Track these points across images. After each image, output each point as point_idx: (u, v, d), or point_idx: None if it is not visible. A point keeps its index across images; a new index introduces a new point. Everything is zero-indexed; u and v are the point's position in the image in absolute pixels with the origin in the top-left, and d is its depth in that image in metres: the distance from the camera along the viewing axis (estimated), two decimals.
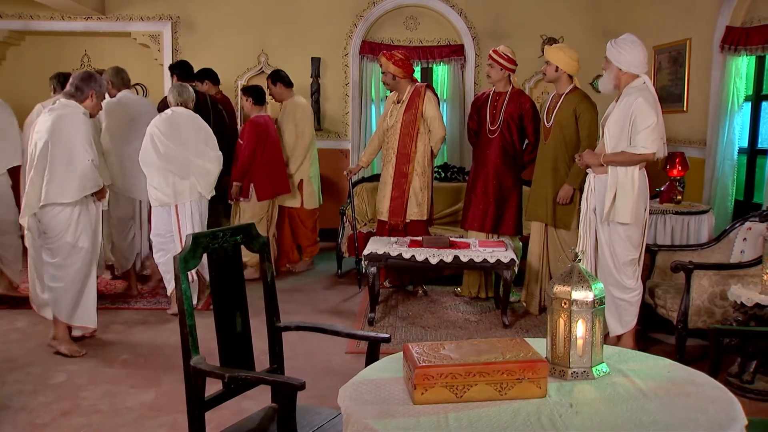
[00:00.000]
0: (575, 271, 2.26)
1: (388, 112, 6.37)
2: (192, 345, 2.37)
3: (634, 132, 4.41)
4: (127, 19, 8.57)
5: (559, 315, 2.25)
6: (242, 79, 8.70)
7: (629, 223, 4.49)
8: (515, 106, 5.93)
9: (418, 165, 6.19)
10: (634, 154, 4.43)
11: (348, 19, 8.64)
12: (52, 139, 4.52)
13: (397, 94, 6.32)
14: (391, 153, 6.26)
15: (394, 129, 6.24)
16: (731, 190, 6.62)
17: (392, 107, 6.33)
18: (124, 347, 5.02)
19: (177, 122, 5.50)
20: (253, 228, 2.70)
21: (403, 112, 6.20)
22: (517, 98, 5.96)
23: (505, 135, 5.95)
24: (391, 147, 6.27)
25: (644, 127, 4.37)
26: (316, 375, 4.52)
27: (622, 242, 4.55)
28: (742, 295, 4.18)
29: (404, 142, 6.19)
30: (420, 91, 6.22)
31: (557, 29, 8.62)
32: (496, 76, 5.96)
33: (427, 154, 6.26)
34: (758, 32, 6.25)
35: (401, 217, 6.21)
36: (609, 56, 4.57)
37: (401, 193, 6.19)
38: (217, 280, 2.54)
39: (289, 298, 6.37)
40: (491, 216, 6.03)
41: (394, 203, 6.21)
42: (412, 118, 6.17)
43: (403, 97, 6.26)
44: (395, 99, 6.35)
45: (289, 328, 2.79)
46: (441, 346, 2.20)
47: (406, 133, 6.18)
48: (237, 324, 2.61)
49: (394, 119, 6.26)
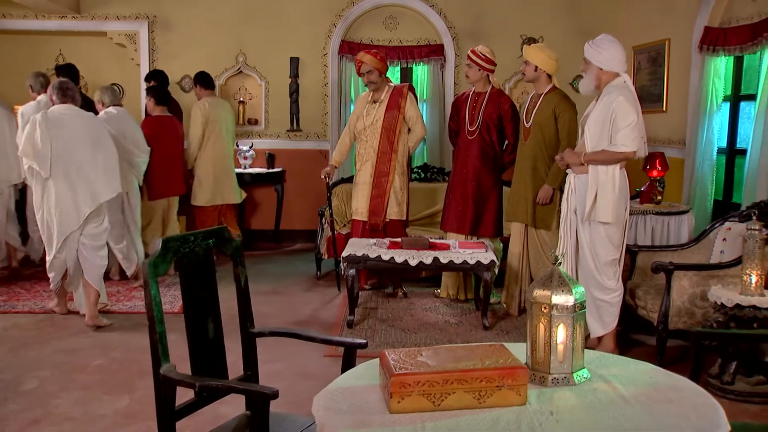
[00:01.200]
0: (555, 274, 2.21)
1: (362, 111, 6.30)
2: (162, 353, 2.29)
3: (614, 130, 4.40)
4: (103, 18, 8.44)
5: (539, 320, 2.21)
6: (220, 79, 8.60)
7: (610, 223, 4.47)
8: (494, 107, 5.88)
9: (399, 165, 6.19)
10: (615, 153, 4.41)
11: (327, 18, 8.57)
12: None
13: (373, 93, 6.26)
14: (370, 152, 6.21)
15: (373, 128, 6.19)
16: (710, 190, 6.63)
17: (368, 106, 6.27)
18: (98, 352, 4.92)
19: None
20: (225, 231, 2.63)
21: (384, 111, 6.16)
22: (497, 99, 5.91)
23: (484, 136, 5.90)
24: (370, 146, 6.22)
25: (624, 126, 4.36)
26: (294, 379, 4.45)
27: (603, 242, 4.53)
28: (722, 296, 4.17)
29: (385, 141, 6.15)
30: (402, 90, 6.21)
31: (537, 29, 8.60)
32: (474, 77, 5.91)
33: (406, 154, 6.28)
34: (736, 33, 6.26)
35: (381, 216, 6.17)
36: (588, 57, 4.55)
37: (381, 193, 6.16)
38: (188, 286, 2.47)
39: (267, 300, 6.29)
40: (470, 218, 5.97)
41: (374, 203, 6.18)
42: (394, 118, 6.15)
43: (382, 96, 6.22)
44: (370, 98, 6.29)
45: (263, 333, 2.72)
46: (418, 353, 2.15)
47: (387, 133, 6.14)
48: (209, 330, 2.53)
49: (372, 118, 6.21)
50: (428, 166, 7.96)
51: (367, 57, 6.12)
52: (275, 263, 7.80)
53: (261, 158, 8.60)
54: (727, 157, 6.68)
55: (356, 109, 6.42)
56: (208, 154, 7.47)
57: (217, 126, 7.47)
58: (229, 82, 8.71)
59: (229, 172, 7.66)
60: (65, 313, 5.71)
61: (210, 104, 7.48)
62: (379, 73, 6.17)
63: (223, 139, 7.54)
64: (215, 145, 7.48)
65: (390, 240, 5.80)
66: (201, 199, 7.52)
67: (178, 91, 8.58)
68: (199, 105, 7.50)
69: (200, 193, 7.51)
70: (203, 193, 7.50)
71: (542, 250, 5.51)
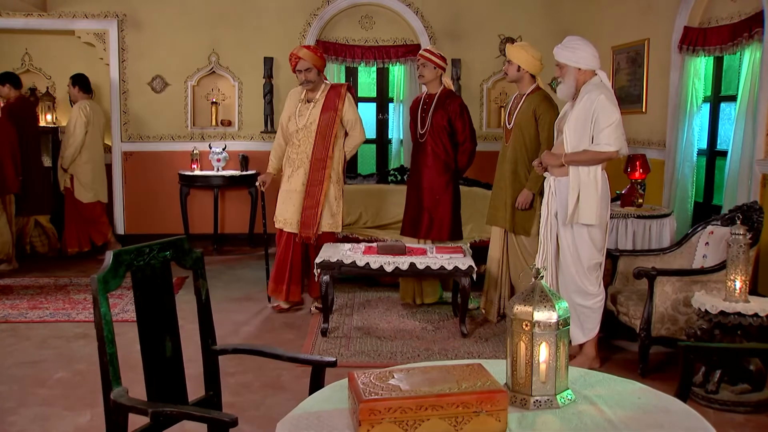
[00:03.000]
0: (537, 289, 2.06)
1: (295, 112, 5.78)
2: (113, 376, 2.12)
3: (596, 130, 4.28)
4: (71, 16, 8.18)
5: (520, 338, 2.05)
6: (192, 79, 8.39)
7: (594, 225, 4.35)
8: (443, 108, 5.72)
9: (334, 172, 5.73)
10: (598, 152, 4.29)
11: (301, 17, 8.39)
12: None
13: (306, 91, 5.76)
14: (303, 158, 5.71)
15: (307, 131, 5.70)
16: (691, 192, 6.55)
17: (300, 106, 5.77)
18: (61, 364, 4.70)
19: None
20: (185, 242, 2.46)
21: (320, 113, 5.69)
22: (445, 99, 5.75)
23: (434, 139, 5.74)
24: (303, 151, 5.72)
25: (607, 125, 4.24)
26: (264, 392, 4.28)
27: (586, 245, 4.40)
28: (706, 303, 4.05)
29: (320, 146, 5.66)
30: (339, 90, 5.74)
31: (515, 29, 8.48)
32: (429, 76, 5.73)
33: (342, 161, 5.84)
34: (716, 33, 6.18)
35: (314, 229, 5.68)
36: (563, 60, 4.42)
37: (314, 203, 5.66)
38: (142, 302, 2.29)
39: (239, 307, 6.10)
40: (423, 222, 5.82)
41: (306, 214, 5.68)
42: (330, 121, 5.66)
43: (317, 96, 5.74)
44: (303, 97, 5.78)
45: (226, 351, 2.55)
46: (390, 375, 1.99)
47: (323, 137, 5.67)
48: (166, 349, 2.36)
49: (306, 120, 5.70)
50: (405, 169, 7.81)
51: (304, 52, 5.62)
52: (249, 268, 7.61)
53: (234, 160, 8.40)
54: (708, 158, 6.60)
55: (287, 108, 5.87)
56: (89, 155, 7.74)
57: (96, 129, 7.79)
58: (201, 83, 8.50)
59: (104, 172, 8.05)
60: None
61: (90, 107, 7.72)
62: (318, 71, 5.68)
63: (101, 141, 7.94)
64: (96, 147, 7.83)
65: (365, 245, 5.64)
66: (85, 196, 7.82)
67: (148, 92, 8.36)
68: (81, 107, 7.66)
69: (84, 192, 7.79)
70: (86, 191, 7.80)
71: (522, 256, 5.37)
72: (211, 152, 8.24)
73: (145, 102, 8.39)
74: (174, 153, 8.47)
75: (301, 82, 5.72)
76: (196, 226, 8.52)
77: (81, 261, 7.75)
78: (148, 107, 8.39)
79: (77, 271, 7.33)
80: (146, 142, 8.45)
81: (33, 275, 7.12)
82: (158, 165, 8.45)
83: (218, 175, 8.19)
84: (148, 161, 8.46)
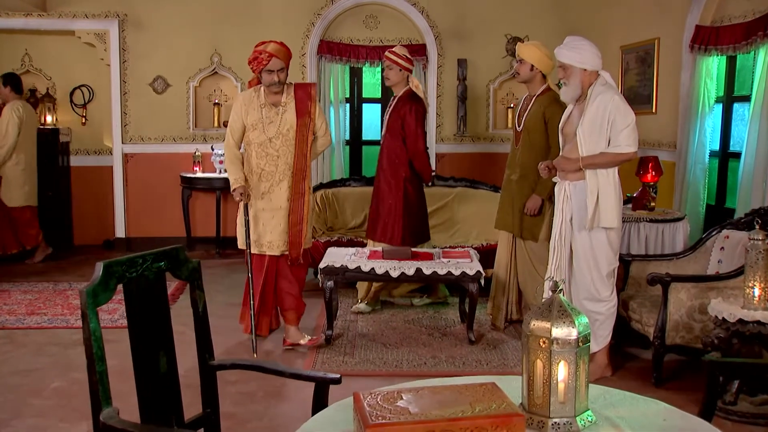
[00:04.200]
0: (555, 303, 1.93)
1: (261, 119, 4.94)
2: (103, 395, 1.99)
3: (614, 131, 4.17)
4: (71, 16, 8.07)
5: (537, 355, 1.92)
6: (194, 80, 8.28)
7: (614, 228, 4.25)
8: (398, 110, 5.65)
9: (310, 181, 5.09)
10: (618, 154, 4.19)
11: (305, 17, 8.26)
12: None
13: (271, 94, 4.94)
14: (285, 169, 4.97)
15: (285, 139, 4.94)
16: (703, 194, 6.39)
17: (265, 112, 4.95)
18: (58, 372, 4.58)
19: None
20: (180, 252, 2.33)
21: (297, 118, 4.98)
22: (402, 101, 5.69)
23: (388, 141, 5.72)
24: (284, 162, 4.97)
25: (625, 126, 4.15)
26: (268, 402, 4.15)
27: (604, 249, 4.29)
28: (723, 311, 3.90)
29: (300, 155, 4.97)
30: (309, 92, 5.05)
31: (522, 28, 8.35)
32: (395, 78, 5.65)
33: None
34: (729, 31, 6.02)
35: (301, 247, 5.02)
36: (568, 62, 4.27)
37: (299, 219, 4.98)
38: (135, 316, 2.16)
39: None
40: (377, 224, 5.80)
41: (293, 231, 4.97)
42: (305, 127, 4.97)
43: (284, 99, 4.97)
44: (264, 100, 4.97)
45: (224, 366, 2.42)
46: (398, 396, 1.85)
47: (302, 144, 4.98)
48: (161, 365, 2.23)
49: (278, 127, 4.93)
50: None
51: (276, 48, 4.82)
52: None
53: None
54: (720, 160, 6.45)
55: (245, 115, 4.97)
56: (20, 157, 7.60)
57: (29, 130, 7.67)
58: (203, 84, 8.38)
59: (35, 175, 7.83)
60: None
61: (22, 108, 7.60)
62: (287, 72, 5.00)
63: (34, 143, 7.79)
64: (29, 149, 7.70)
65: (371, 249, 5.51)
66: (14, 199, 7.64)
67: (150, 93, 8.24)
68: (14, 108, 7.54)
69: (12, 195, 7.63)
70: (15, 194, 7.64)
71: (531, 261, 5.23)
72: (213, 154, 8.12)
73: (146, 103, 8.27)
74: (176, 155, 8.35)
75: (269, 84, 4.86)
76: (198, 229, 8.41)
77: (80, 266, 7.63)
78: (150, 108, 8.27)
79: (77, 275, 7.21)
80: (147, 143, 8.33)
81: (32, 280, 7.00)
82: (160, 167, 8.33)
83: (220, 177, 8.05)
84: (149, 163, 8.34)
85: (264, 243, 5.04)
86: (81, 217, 8.60)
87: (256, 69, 4.87)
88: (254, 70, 4.91)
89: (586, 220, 4.24)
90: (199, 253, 8.27)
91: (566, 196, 4.36)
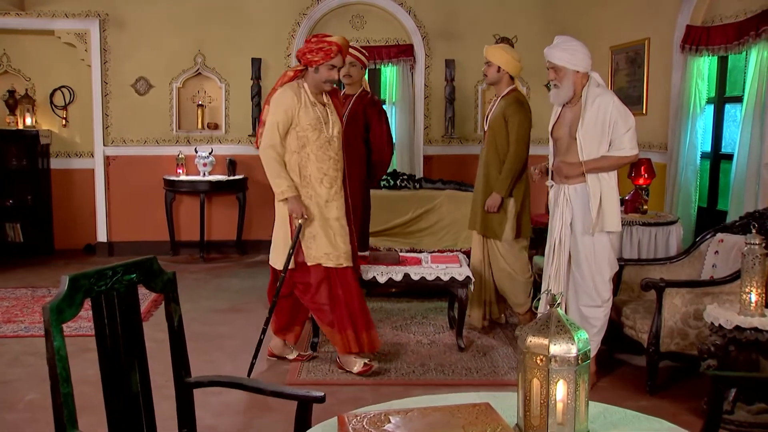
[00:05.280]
0: (553, 318, 1.81)
1: (319, 117, 4.42)
2: (68, 419, 1.85)
3: (616, 134, 4.11)
4: (50, 15, 7.89)
5: (534, 374, 1.79)
6: (177, 81, 8.12)
7: (617, 231, 4.20)
8: (361, 111, 5.48)
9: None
10: (621, 158, 4.15)
11: (290, 17, 8.13)
12: None
13: (317, 92, 4.48)
14: (340, 174, 4.55)
15: (338, 141, 4.53)
16: (694, 196, 6.31)
17: (319, 110, 4.45)
18: (33, 384, 4.41)
19: None
20: (154, 263, 2.19)
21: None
22: (368, 104, 5.52)
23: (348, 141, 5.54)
24: (341, 168, 4.56)
25: (627, 129, 4.10)
26: (251, 413, 4.02)
27: (607, 253, 4.22)
28: (720, 317, 3.80)
29: (348, 157, 4.75)
30: (340, 96, 4.83)
31: (511, 29, 8.22)
32: (357, 76, 5.47)
33: None
34: (720, 31, 5.94)
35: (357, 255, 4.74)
36: (560, 63, 4.17)
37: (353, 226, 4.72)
38: (104, 332, 2.02)
39: (226, 319, 5.84)
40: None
41: (352, 239, 4.62)
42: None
43: (325, 99, 4.58)
44: (311, 98, 4.43)
45: (202, 384, 2.28)
46: (386, 419, 1.73)
47: (346, 147, 4.73)
48: (132, 383, 2.09)
49: (334, 127, 4.50)
50: (397, 173, 7.54)
51: (342, 40, 4.41)
52: (237, 277, 7.33)
53: (221, 165, 8.13)
54: (712, 162, 6.36)
55: (295, 112, 4.39)
56: None
57: None
58: (187, 85, 8.22)
59: None
60: None
61: None
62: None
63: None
64: None
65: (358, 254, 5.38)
66: None
67: (132, 94, 8.08)
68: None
69: None
70: None
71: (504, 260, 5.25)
72: (197, 156, 7.97)
73: (129, 104, 8.10)
74: (159, 157, 8.19)
75: (326, 80, 4.40)
76: (182, 233, 8.25)
77: (61, 271, 7.46)
78: (132, 110, 8.11)
79: (57, 281, 7.01)
80: (130, 146, 8.17)
81: (9, 286, 6.82)
82: (142, 170, 8.16)
83: (205, 180, 7.93)
84: (131, 166, 8.17)
85: (342, 254, 4.47)
86: (62, 221, 8.42)
87: (317, 62, 4.33)
88: (310, 62, 4.36)
89: (590, 224, 4.16)
90: (183, 258, 8.12)
91: (566, 200, 4.25)
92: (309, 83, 4.44)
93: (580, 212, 4.21)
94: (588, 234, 4.18)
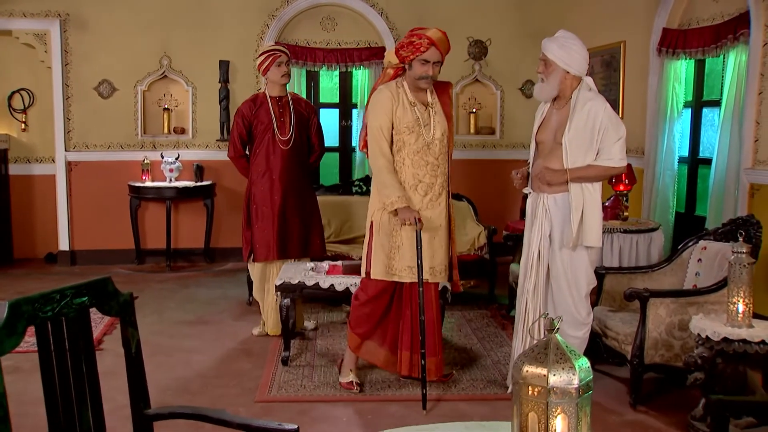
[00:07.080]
0: (552, 345, 1.63)
1: (418, 119, 4.12)
2: None
3: (605, 143, 3.85)
4: (7, 15, 7.58)
5: (531, 407, 1.62)
6: (143, 84, 7.86)
7: (598, 246, 3.94)
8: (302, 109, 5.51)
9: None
10: (609, 168, 3.90)
11: (259, 18, 7.91)
12: None
13: (416, 91, 4.18)
14: (442, 180, 4.24)
15: (440, 144, 4.19)
16: (672, 202, 6.23)
17: (420, 111, 4.14)
18: None
19: None
20: (108, 283, 1.98)
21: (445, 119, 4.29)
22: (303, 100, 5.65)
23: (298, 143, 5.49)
24: (441, 171, 4.23)
25: (617, 139, 3.85)
26: None
27: (584, 269, 3.95)
28: (707, 328, 3.66)
29: (450, 164, 4.36)
30: (449, 91, 4.36)
31: (484, 31, 8.12)
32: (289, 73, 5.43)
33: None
34: (697, 34, 5.87)
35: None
36: (553, 57, 3.88)
37: (453, 238, 4.43)
38: (50, 365, 1.81)
39: (193, 331, 5.60)
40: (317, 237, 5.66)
41: (453, 252, 4.39)
42: (450, 131, 4.30)
43: (430, 98, 4.22)
44: (414, 99, 4.16)
45: (162, 416, 2.07)
46: None
47: (450, 153, 4.35)
48: (85, 420, 1.87)
49: (434, 130, 4.16)
50: (370, 179, 7.33)
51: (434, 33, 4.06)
52: (204, 286, 7.08)
53: (188, 170, 7.87)
54: (690, 167, 6.28)
55: (393, 114, 4.11)
56: None
57: None
58: (152, 88, 7.96)
59: None
60: None
61: None
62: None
63: None
64: None
65: (329, 263, 5.19)
66: None
67: (95, 98, 7.80)
68: None
69: None
70: None
71: None
72: (163, 162, 7.72)
73: (92, 108, 7.82)
74: (123, 163, 7.92)
75: (419, 77, 4.09)
76: (147, 241, 8.00)
77: (20, 281, 7.16)
78: (95, 114, 7.83)
79: (15, 292, 6.73)
80: (93, 151, 7.88)
81: None
82: (106, 176, 7.88)
83: (171, 187, 7.69)
84: (95, 172, 7.89)
85: (426, 269, 4.16)
86: (21, 229, 8.11)
87: (407, 57, 4.06)
88: (402, 58, 4.09)
89: (569, 237, 3.90)
90: (149, 266, 7.87)
91: (545, 211, 3.98)
92: (408, 81, 4.17)
93: (559, 225, 3.95)
94: (567, 248, 3.94)
